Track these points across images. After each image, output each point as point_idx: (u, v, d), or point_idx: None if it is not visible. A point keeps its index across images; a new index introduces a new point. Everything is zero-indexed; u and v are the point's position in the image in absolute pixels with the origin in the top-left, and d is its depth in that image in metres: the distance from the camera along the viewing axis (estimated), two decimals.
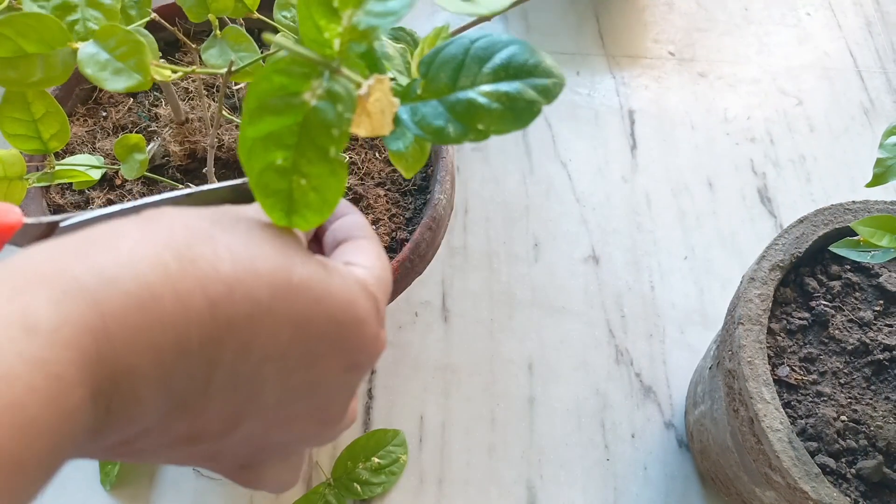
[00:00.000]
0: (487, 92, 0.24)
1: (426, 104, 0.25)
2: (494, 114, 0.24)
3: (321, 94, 0.23)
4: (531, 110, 0.24)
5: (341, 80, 0.23)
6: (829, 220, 0.52)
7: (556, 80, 0.24)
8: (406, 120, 0.25)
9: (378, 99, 0.23)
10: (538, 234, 0.75)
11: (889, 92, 0.87)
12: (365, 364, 0.27)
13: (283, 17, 0.44)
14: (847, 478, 0.45)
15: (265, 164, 0.23)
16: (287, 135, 0.23)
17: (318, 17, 0.23)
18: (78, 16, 0.35)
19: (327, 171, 0.23)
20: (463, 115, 0.24)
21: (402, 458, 0.61)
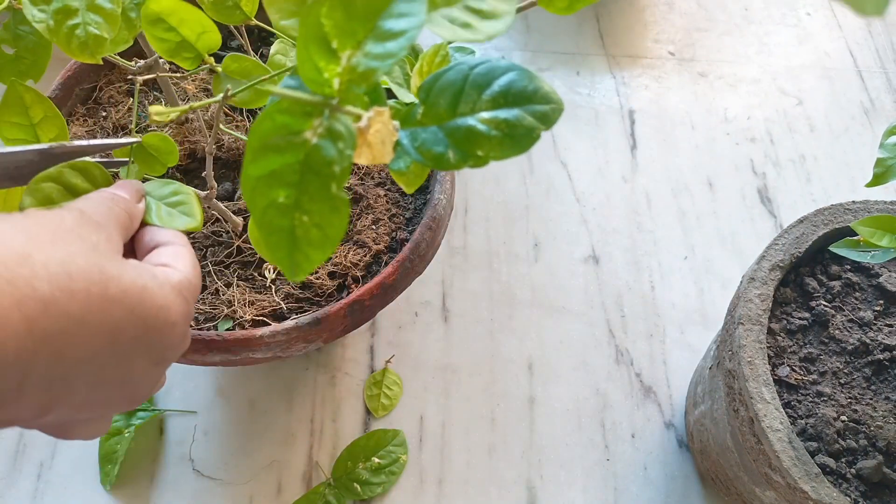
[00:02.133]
0: (487, 119, 0.24)
1: (426, 130, 0.25)
2: (494, 140, 0.24)
3: (322, 132, 0.23)
4: (530, 136, 0.24)
5: (341, 119, 0.23)
6: (829, 220, 0.52)
7: (554, 105, 0.24)
8: (406, 145, 0.25)
9: (378, 130, 0.23)
10: (538, 234, 0.75)
11: (889, 92, 0.87)
12: (172, 358, 0.30)
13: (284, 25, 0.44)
14: (847, 478, 0.45)
15: (268, 202, 0.24)
16: (289, 173, 0.23)
17: (317, 58, 0.23)
18: (79, 20, 0.35)
19: (329, 207, 0.23)
20: (462, 141, 0.24)
21: (402, 458, 0.61)
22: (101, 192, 0.33)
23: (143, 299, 0.27)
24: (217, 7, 0.42)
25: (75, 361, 0.25)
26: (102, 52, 0.35)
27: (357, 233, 0.53)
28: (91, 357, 0.26)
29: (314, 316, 0.46)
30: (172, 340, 0.29)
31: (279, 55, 0.43)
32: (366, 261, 0.52)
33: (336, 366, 0.66)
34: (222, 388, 0.65)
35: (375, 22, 0.23)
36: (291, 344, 0.47)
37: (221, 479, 0.61)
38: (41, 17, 0.35)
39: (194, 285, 0.31)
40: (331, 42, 0.23)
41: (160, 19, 0.39)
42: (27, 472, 0.60)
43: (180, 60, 0.41)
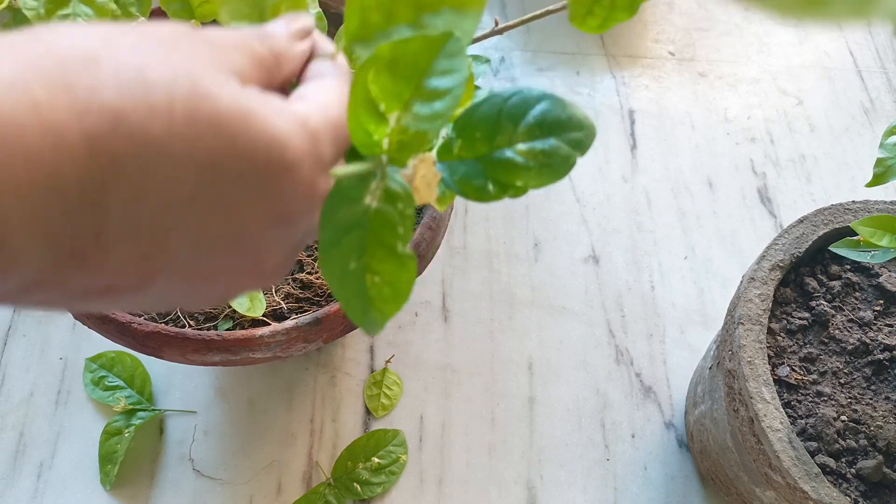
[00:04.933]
0: (524, 150, 0.25)
1: (464, 163, 0.26)
2: (532, 171, 0.25)
3: (380, 195, 0.24)
4: (567, 164, 0.25)
5: (394, 177, 0.24)
6: (829, 220, 0.52)
7: (587, 132, 0.25)
8: (446, 178, 0.26)
9: (424, 175, 0.24)
10: (538, 234, 0.75)
11: (889, 91, 0.87)
12: (300, 215, 0.23)
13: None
14: (847, 478, 0.45)
15: (342, 270, 0.24)
16: (357, 240, 0.24)
17: (366, 122, 0.23)
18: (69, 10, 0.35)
19: (397, 266, 0.24)
20: (501, 173, 0.25)
21: (402, 458, 0.61)
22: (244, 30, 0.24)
23: (248, 126, 0.20)
24: None
25: (164, 204, 0.19)
26: None
27: None
28: (185, 200, 0.20)
29: (314, 316, 0.46)
30: (295, 189, 0.22)
31: None
32: None
33: (336, 366, 0.66)
34: (222, 387, 0.65)
35: (420, 81, 0.23)
36: (291, 344, 0.47)
37: (221, 478, 0.61)
38: (33, 5, 0.35)
39: (335, 122, 0.23)
40: (378, 105, 0.23)
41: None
42: (27, 472, 0.60)
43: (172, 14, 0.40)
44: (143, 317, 0.49)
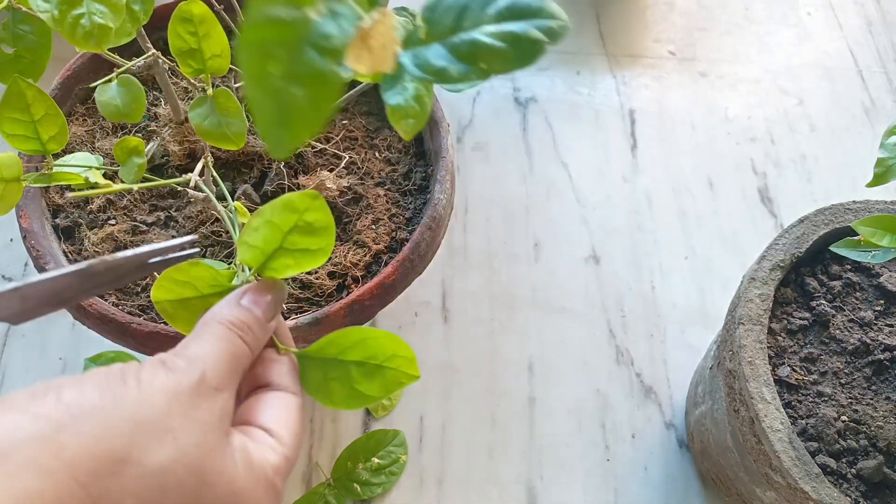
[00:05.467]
0: (492, 32, 0.24)
1: (429, 48, 0.24)
2: (497, 52, 0.23)
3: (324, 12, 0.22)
4: (534, 49, 0.23)
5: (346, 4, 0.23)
6: (829, 220, 0.52)
7: (561, 22, 0.24)
8: (407, 63, 0.24)
9: (380, 33, 0.23)
10: (538, 234, 0.75)
11: (890, 91, 0.87)
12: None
13: None
14: (847, 478, 0.45)
15: (261, 70, 0.23)
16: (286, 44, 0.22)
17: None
18: (83, 10, 0.35)
19: (321, 80, 0.23)
20: (465, 55, 0.24)
21: (402, 458, 0.61)
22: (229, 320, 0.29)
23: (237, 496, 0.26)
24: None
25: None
26: (107, 43, 0.36)
27: (357, 233, 0.53)
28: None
29: (314, 316, 0.46)
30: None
31: None
32: (366, 261, 0.52)
33: None
34: None
35: None
36: None
37: None
38: (46, 7, 0.35)
39: (292, 462, 0.29)
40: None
41: (190, 21, 0.40)
42: None
43: (184, 64, 0.41)
44: (143, 317, 0.49)
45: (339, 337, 0.31)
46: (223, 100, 0.42)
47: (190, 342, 0.28)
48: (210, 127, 0.42)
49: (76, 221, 0.53)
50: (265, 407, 0.29)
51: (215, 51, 0.41)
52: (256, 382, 0.31)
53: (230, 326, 0.29)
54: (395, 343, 0.32)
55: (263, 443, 0.28)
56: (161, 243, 0.31)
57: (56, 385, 0.24)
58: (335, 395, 0.32)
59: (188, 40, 0.40)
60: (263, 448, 0.28)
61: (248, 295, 0.30)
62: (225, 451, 0.26)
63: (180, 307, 0.32)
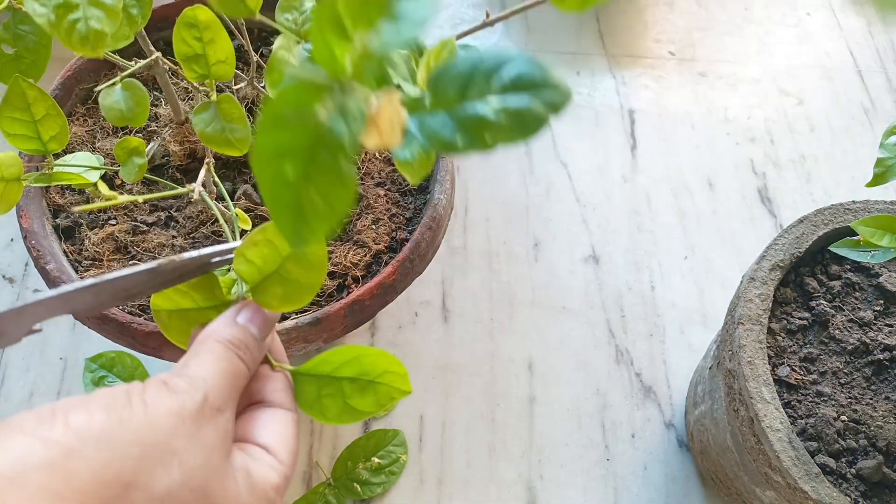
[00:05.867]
0: (496, 105, 0.25)
1: (434, 116, 0.25)
2: (502, 126, 0.24)
3: (333, 110, 0.23)
4: (537, 123, 0.24)
5: (353, 98, 0.23)
6: (829, 220, 0.52)
7: (563, 94, 0.24)
8: (414, 131, 0.25)
9: (388, 113, 0.24)
10: (538, 234, 0.75)
11: (889, 92, 0.87)
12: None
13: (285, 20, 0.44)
14: (847, 478, 0.45)
15: (277, 174, 0.24)
16: (299, 147, 0.23)
17: (330, 39, 0.23)
18: (79, 14, 0.35)
19: (336, 179, 0.24)
20: (470, 127, 0.25)
21: (402, 458, 0.61)
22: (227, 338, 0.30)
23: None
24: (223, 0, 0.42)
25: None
26: (103, 47, 0.36)
27: (357, 233, 0.53)
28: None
29: (314, 316, 0.46)
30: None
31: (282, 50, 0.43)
32: (366, 261, 0.52)
33: None
34: None
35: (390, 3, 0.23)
36: (291, 344, 0.47)
37: None
38: (42, 11, 0.35)
39: (290, 479, 0.30)
40: (345, 23, 0.23)
41: (196, 26, 0.40)
42: None
43: (188, 69, 0.41)
44: (144, 317, 0.49)
45: (333, 355, 0.32)
46: (227, 106, 0.42)
47: (190, 361, 0.28)
48: (213, 133, 0.42)
49: (77, 221, 0.53)
50: (262, 424, 0.30)
51: (220, 56, 0.41)
52: (251, 399, 0.31)
53: (228, 345, 0.29)
54: (387, 359, 0.33)
55: (263, 461, 0.28)
56: (223, 245, 0.32)
57: (62, 408, 0.24)
58: (329, 411, 0.32)
59: (193, 45, 0.41)
60: (264, 467, 0.28)
61: (243, 313, 0.31)
62: (228, 472, 0.26)
63: (176, 317, 0.32)
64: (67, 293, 0.29)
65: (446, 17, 0.91)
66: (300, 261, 0.31)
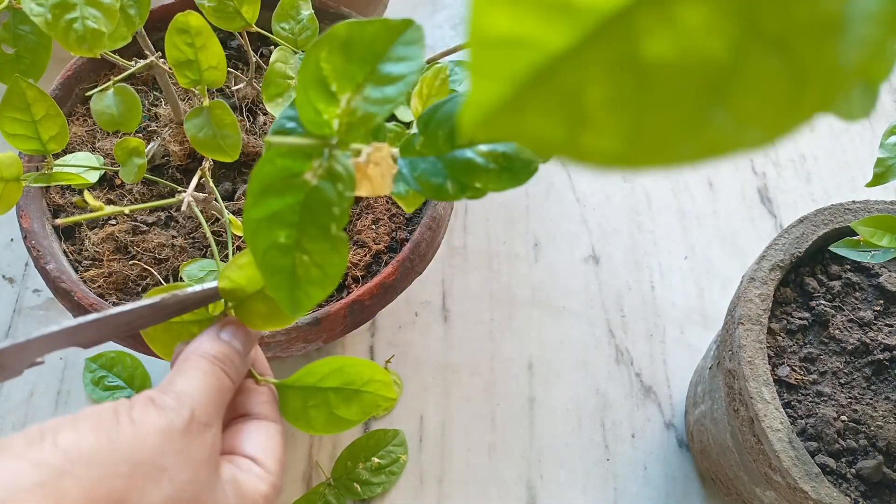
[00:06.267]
0: (485, 152, 0.24)
1: (425, 160, 0.25)
2: (492, 173, 0.24)
3: (322, 173, 0.23)
4: (528, 169, 0.24)
5: (340, 160, 0.23)
6: (829, 220, 0.52)
7: None
8: (406, 174, 0.25)
9: (378, 164, 0.23)
10: (538, 234, 0.75)
11: (889, 92, 0.87)
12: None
13: (281, 30, 0.44)
14: (847, 478, 0.45)
15: (269, 242, 0.24)
16: (289, 214, 0.23)
17: (316, 101, 0.23)
18: (77, 14, 0.35)
19: (329, 247, 0.24)
20: (460, 173, 0.25)
21: (402, 458, 0.61)
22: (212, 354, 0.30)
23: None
24: (218, 13, 0.42)
25: None
26: (100, 47, 0.36)
27: (357, 233, 0.53)
28: None
29: (314, 316, 0.46)
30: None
31: (279, 63, 0.43)
32: (366, 261, 0.52)
33: None
34: None
35: (374, 66, 0.23)
36: (291, 344, 0.47)
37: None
38: (39, 10, 0.34)
39: (278, 489, 0.30)
40: (330, 85, 0.23)
41: (188, 32, 0.40)
42: None
43: (180, 75, 0.42)
44: None
45: (317, 366, 0.33)
46: (218, 112, 0.42)
47: (175, 378, 0.29)
48: (205, 138, 0.42)
49: (77, 221, 0.53)
50: (249, 436, 0.30)
51: (212, 62, 0.41)
52: (237, 412, 0.32)
53: (213, 361, 0.29)
54: (371, 368, 0.33)
55: (251, 472, 0.29)
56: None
57: (51, 428, 0.24)
58: (315, 422, 0.33)
59: (185, 51, 0.41)
60: (252, 478, 0.29)
61: (227, 329, 0.31)
62: (217, 484, 0.27)
63: (160, 330, 0.33)
64: (71, 328, 0.30)
65: (446, 16, 0.91)
66: None
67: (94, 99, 0.45)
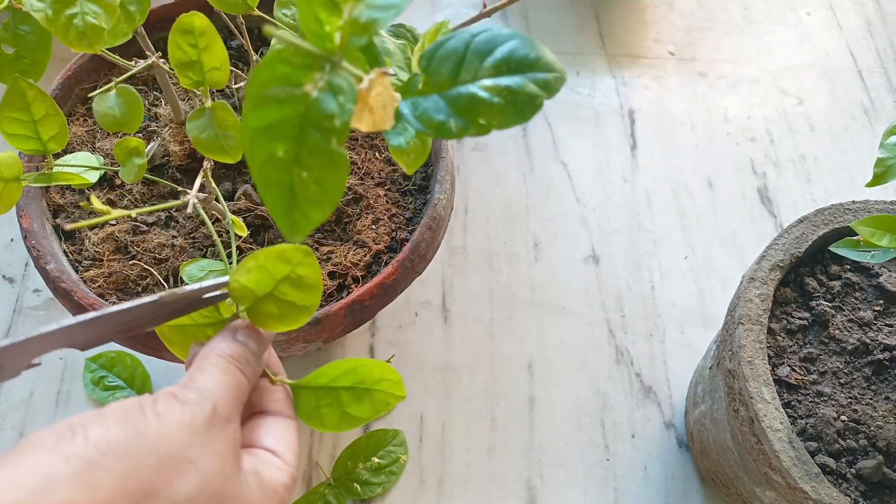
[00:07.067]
0: (489, 86, 0.24)
1: (427, 99, 0.25)
2: (496, 108, 0.24)
3: (322, 86, 0.23)
4: (532, 104, 0.24)
5: (342, 73, 0.23)
6: (829, 220, 0.52)
7: (557, 74, 0.24)
8: (407, 114, 0.25)
9: (379, 93, 0.23)
10: (538, 234, 0.75)
11: (889, 92, 0.87)
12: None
13: (283, 15, 0.44)
14: (847, 478, 0.45)
15: (267, 155, 0.23)
16: (288, 126, 0.23)
17: (319, 10, 0.23)
18: (77, 10, 0.35)
19: (328, 163, 0.23)
20: (464, 109, 0.24)
21: (402, 458, 0.61)
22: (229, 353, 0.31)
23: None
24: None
25: None
26: (100, 43, 0.35)
27: (357, 233, 0.53)
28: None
29: (315, 316, 0.46)
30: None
31: None
32: (366, 261, 0.52)
33: None
34: None
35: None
36: (291, 344, 0.47)
37: None
38: (39, 6, 0.35)
39: (296, 479, 0.32)
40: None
41: (191, 33, 0.40)
42: None
43: (183, 76, 0.41)
44: None
45: (329, 368, 0.34)
46: (221, 113, 0.42)
47: (196, 375, 0.30)
48: (207, 139, 0.42)
49: (77, 221, 0.53)
50: (267, 430, 0.32)
51: (215, 63, 0.41)
52: (253, 409, 0.33)
53: (230, 359, 0.31)
54: (382, 368, 0.34)
55: (271, 464, 0.30)
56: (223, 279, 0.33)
57: (79, 423, 0.25)
58: (327, 420, 0.34)
59: (188, 52, 0.41)
60: (272, 468, 0.30)
61: (242, 330, 0.32)
62: (240, 476, 0.28)
63: (177, 332, 0.34)
64: (70, 326, 0.30)
65: (446, 16, 0.91)
66: (295, 282, 0.32)
67: (96, 100, 0.45)
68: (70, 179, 0.43)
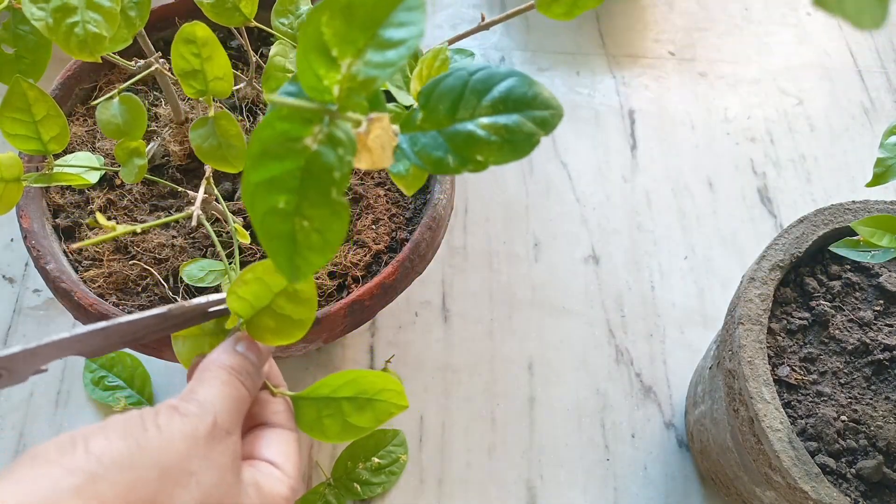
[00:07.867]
0: (486, 124, 0.24)
1: (426, 134, 0.25)
2: (493, 146, 0.24)
3: (322, 139, 0.23)
4: (529, 142, 0.24)
5: (341, 125, 0.23)
6: (829, 220, 0.52)
7: (553, 111, 0.24)
8: (406, 149, 0.25)
9: (378, 135, 0.23)
10: (538, 234, 0.75)
11: (889, 91, 0.87)
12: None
13: (280, 25, 0.44)
14: (847, 478, 0.45)
15: (268, 207, 0.24)
16: (289, 179, 0.23)
17: (317, 66, 0.23)
18: (77, 18, 0.35)
19: (329, 212, 0.24)
20: (462, 146, 0.25)
21: (402, 458, 0.61)
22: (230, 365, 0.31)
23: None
24: (216, 9, 0.42)
25: None
26: (101, 51, 0.36)
27: (357, 233, 0.53)
28: None
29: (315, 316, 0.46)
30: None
31: (278, 57, 0.43)
32: (366, 261, 0.52)
33: (336, 366, 0.66)
34: None
35: (376, 31, 0.23)
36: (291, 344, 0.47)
37: None
38: (40, 14, 0.34)
39: (296, 491, 0.32)
40: (331, 50, 0.23)
41: (194, 42, 0.40)
42: None
43: (186, 85, 0.42)
44: None
45: (331, 379, 0.34)
46: (224, 122, 0.42)
47: (196, 387, 0.30)
48: (210, 148, 0.42)
49: (77, 221, 0.53)
50: (267, 443, 0.32)
51: (218, 73, 0.41)
52: (254, 422, 0.33)
53: (230, 371, 0.31)
54: (383, 379, 0.34)
55: (271, 475, 0.30)
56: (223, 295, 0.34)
57: (81, 436, 0.25)
58: (329, 431, 0.34)
59: (191, 61, 0.41)
60: (272, 480, 0.30)
61: (242, 343, 0.33)
62: (240, 487, 0.28)
63: (188, 343, 0.35)
64: (79, 335, 0.30)
65: (446, 16, 0.91)
66: (291, 296, 0.32)
67: (99, 108, 0.45)
68: (71, 180, 0.43)
